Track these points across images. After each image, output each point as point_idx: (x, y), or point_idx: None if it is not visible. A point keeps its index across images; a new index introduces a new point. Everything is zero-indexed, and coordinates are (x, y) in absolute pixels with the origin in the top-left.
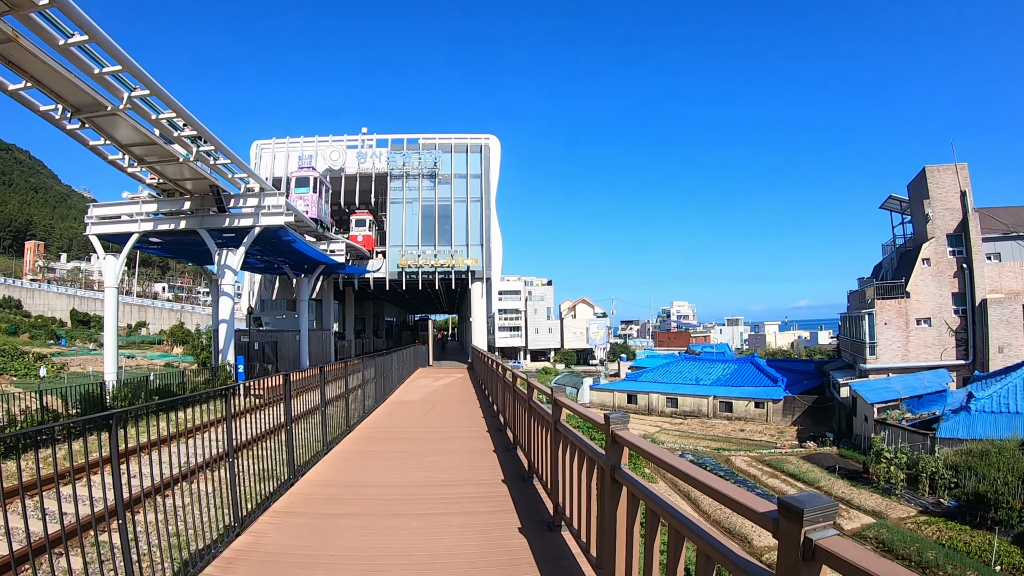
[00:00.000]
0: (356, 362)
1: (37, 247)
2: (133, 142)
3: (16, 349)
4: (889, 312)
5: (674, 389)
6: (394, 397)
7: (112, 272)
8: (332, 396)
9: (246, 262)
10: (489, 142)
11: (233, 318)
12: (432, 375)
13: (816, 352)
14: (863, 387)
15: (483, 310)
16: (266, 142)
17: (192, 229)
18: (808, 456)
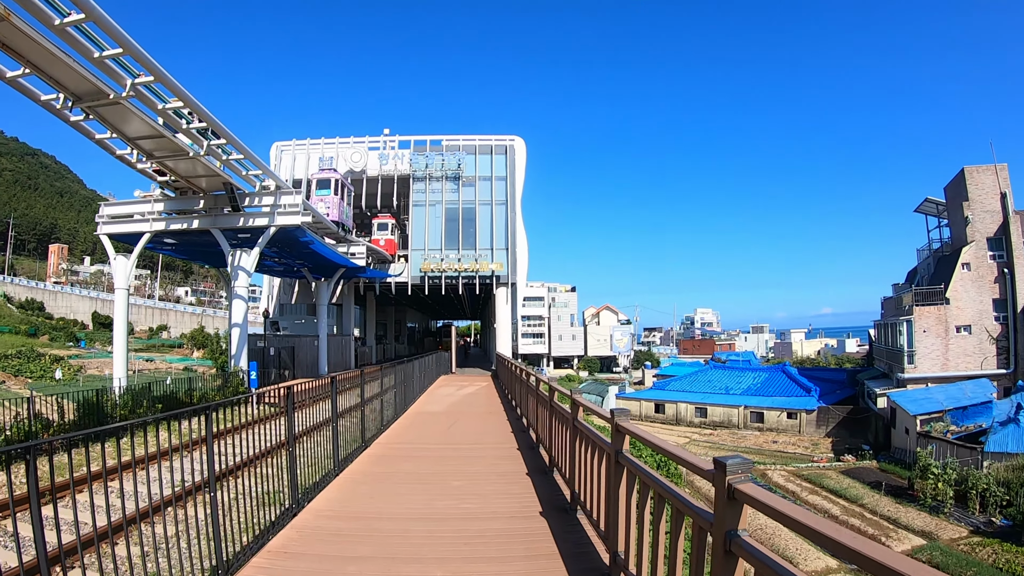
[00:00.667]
0: (374, 369)
1: (61, 250)
2: (140, 135)
3: (33, 351)
4: (928, 319)
5: (703, 399)
6: (415, 407)
7: (123, 273)
8: (346, 407)
9: (264, 265)
10: (514, 143)
11: (246, 322)
12: (455, 383)
13: (845, 360)
14: (903, 398)
15: (508, 316)
16: (286, 143)
17: (205, 229)
18: (847, 471)
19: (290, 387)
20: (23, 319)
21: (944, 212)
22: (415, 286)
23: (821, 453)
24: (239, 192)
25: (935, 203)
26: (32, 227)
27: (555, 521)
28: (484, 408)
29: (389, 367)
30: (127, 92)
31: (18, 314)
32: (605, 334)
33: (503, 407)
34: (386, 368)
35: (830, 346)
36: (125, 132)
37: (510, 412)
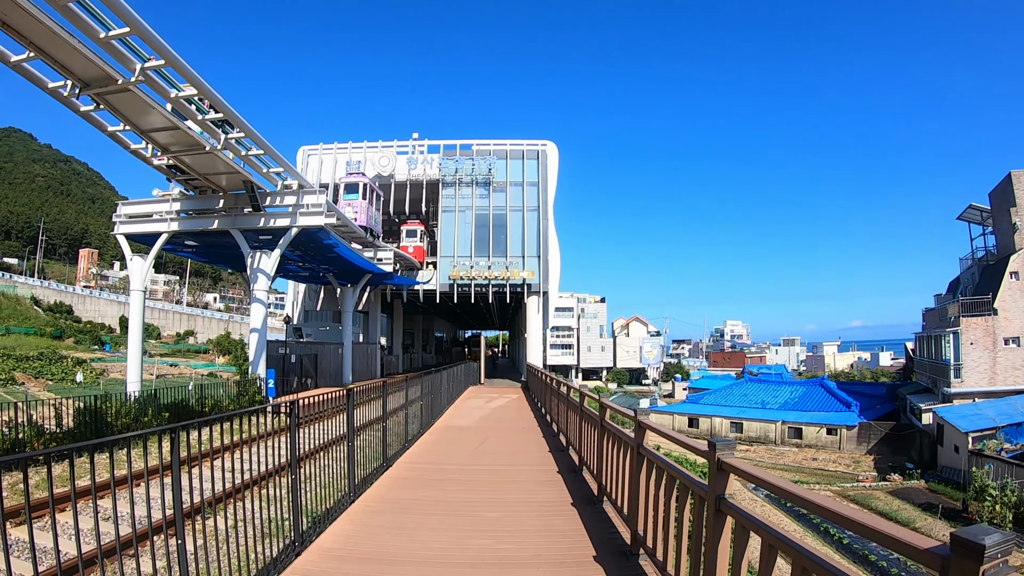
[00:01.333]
0: (399, 379)
1: (91, 255)
2: (154, 127)
3: (55, 353)
4: (975, 331)
5: (739, 413)
6: (442, 421)
7: (139, 274)
8: (365, 421)
9: (287, 269)
10: (547, 148)
11: (266, 327)
12: (484, 395)
13: (880, 374)
14: (951, 413)
15: (539, 326)
16: (313, 147)
17: (225, 230)
18: (895, 491)
19: (294, 401)
20: (49, 321)
21: (989, 219)
22: (444, 294)
23: (864, 471)
24: (260, 191)
25: (979, 210)
26: (63, 232)
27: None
28: (516, 422)
29: (415, 378)
30: (136, 77)
31: (44, 316)
32: (634, 346)
33: (537, 422)
34: (412, 379)
35: (863, 359)
36: (138, 124)
37: (545, 428)
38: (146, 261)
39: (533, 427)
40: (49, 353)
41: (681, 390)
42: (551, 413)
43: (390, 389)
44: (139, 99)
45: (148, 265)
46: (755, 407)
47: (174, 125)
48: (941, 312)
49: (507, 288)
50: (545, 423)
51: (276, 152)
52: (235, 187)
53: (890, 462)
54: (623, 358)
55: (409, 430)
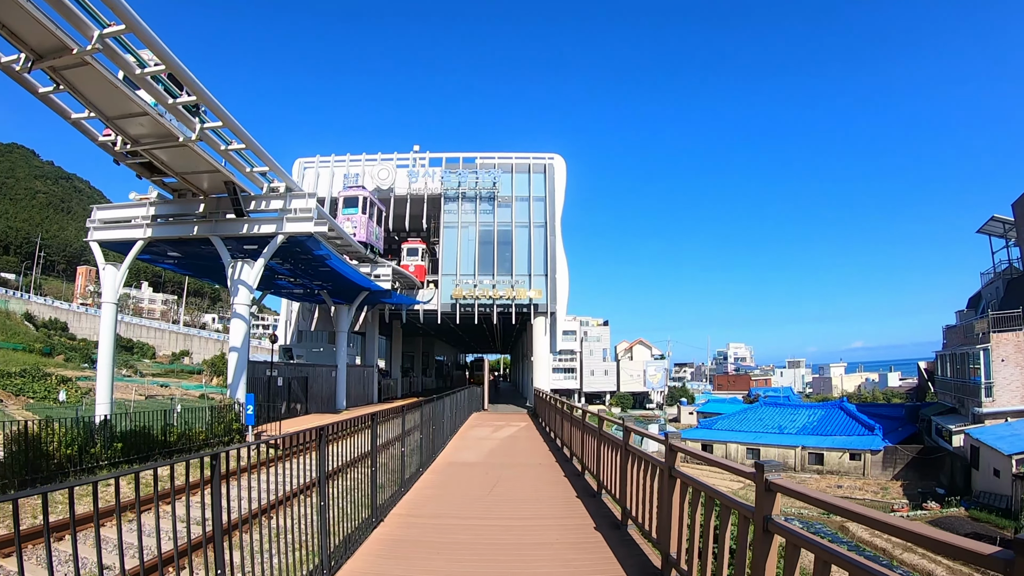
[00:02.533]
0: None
1: (89, 272)
2: (120, 112)
3: (39, 370)
4: (1006, 347)
5: (755, 439)
6: (446, 455)
7: (111, 284)
8: (347, 461)
9: (277, 285)
10: (554, 162)
11: (247, 346)
12: (489, 422)
13: (892, 395)
14: (988, 435)
15: (546, 348)
16: (309, 160)
17: (205, 237)
18: (936, 521)
19: (215, 454)
20: (40, 338)
21: (1012, 231)
22: (445, 314)
23: (893, 499)
24: (243, 194)
25: (1002, 221)
26: (63, 249)
27: None
28: (530, 456)
29: (414, 405)
30: (93, 45)
31: (35, 333)
32: (638, 369)
33: (553, 456)
34: (410, 406)
35: (871, 380)
36: (102, 108)
37: (564, 463)
38: (119, 270)
39: (550, 462)
40: (33, 370)
41: (687, 414)
42: (569, 445)
43: (382, 419)
44: (101, 77)
45: (121, 275)
46: (772, 432)
47: (142, 111)
48: (966, 329)
49: (512, 308)
50: (563, 457)
51: (259, 147)
52: (217, 190)
53: (919, 488)
54: (627, 382)
55: (406, 468)
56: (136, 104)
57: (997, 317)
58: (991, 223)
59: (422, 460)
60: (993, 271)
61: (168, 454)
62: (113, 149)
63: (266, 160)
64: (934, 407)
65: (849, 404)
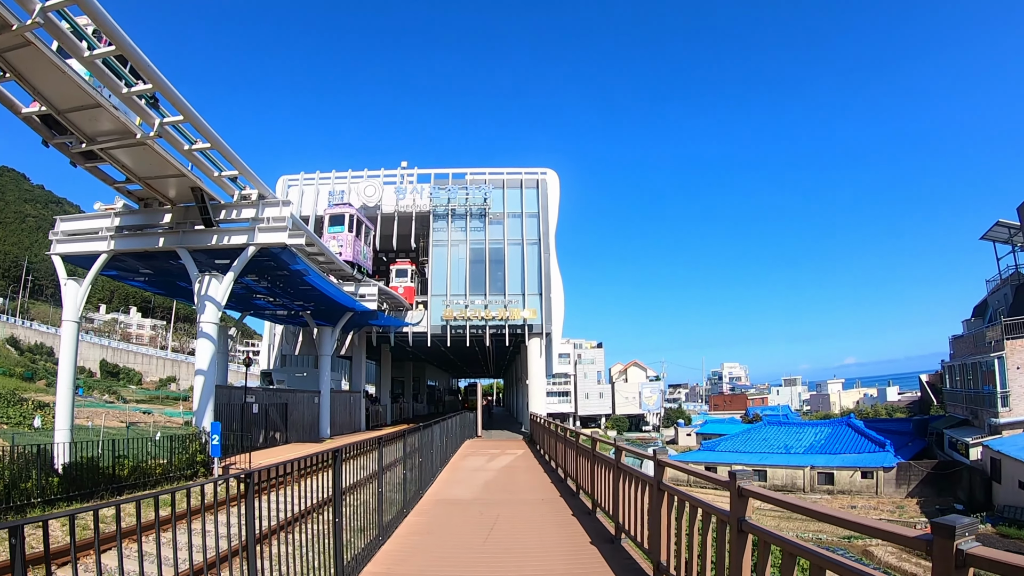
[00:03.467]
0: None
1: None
2: (71, 106)
3: (14, 395)
4: (1022, 354)
5: (760, 460)
6: (435, 491)
7: (72, 301)
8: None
9: (255, 305)
10: (547, 176)
11: (214, 368)
12: (483, 450)
13: (894, 410)
14: (1009, 446)
15: (541, 371)
16: (293, 177)
17: (171, 249)
18: None
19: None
20: (22, 362)
21: (1018, 235)
22: (435, 337)
23: (911, 517)
24: (213, 203)
25: (1007, 226)
26: (51, 273)
27: None
28: (530, 490)
29: (394, 437)
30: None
31: (16, 357)
32: (633, 391)
33: (556, 489)
34: (389, 439)
35: (869, 396)
36: (52, 100)
37: (571, 498)
38: (81, 286)
39: (553, 496)
40: (8, 395)
41: (685, 436)
42: (574, 476)
43: (352, 453)
44: (48, 62)
45: (83, 291)
46: (778, 452)
47: (95, 101)
48: (976, 338)
49: (506, 329)
50: (568, 490)
51: (225, 146)
52: (185, 198)
53: (937, 505)
54: (622, 404)
55: (386, 510)
56: (84, 91)
57: (1010, 324)
58: (996, 228)
59: (406, 499)
60: (999, 277)
61: (116, 490)
62: (70, 152)
63: (234, 162)
64: (944, 420)
65: (857, 420)
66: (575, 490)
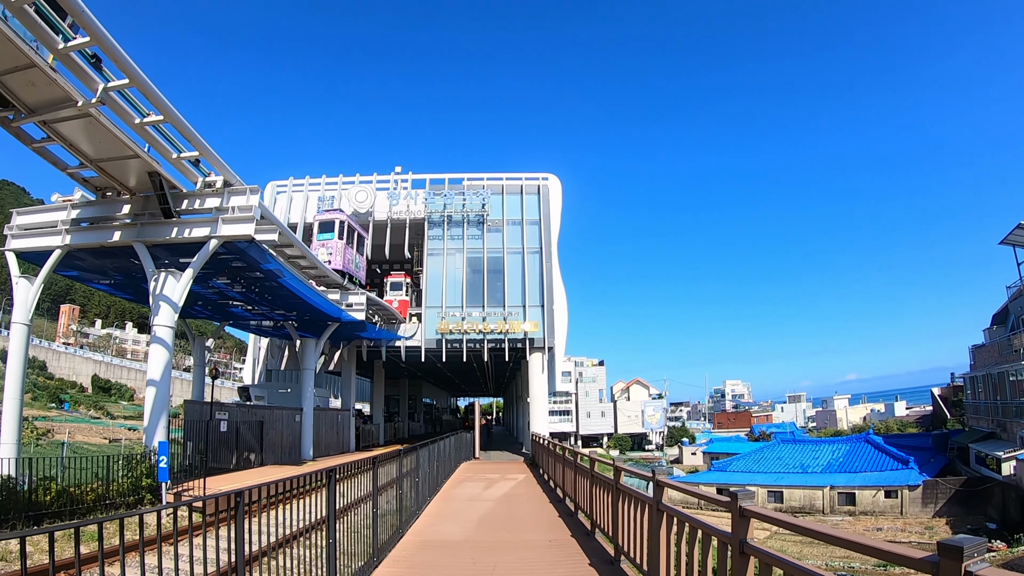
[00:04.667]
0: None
1: (72, 311)
2: (3, 68)
3: None
4: None
5: (776, 480)
6: (420, 528)
7: (23, 302)
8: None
9: (231, 313)
10: (548, 182)
11: (168, 379)
12: (481, 474)
13: (907, 425)
14: None
15: (544, 388)
16: (282, 183)
17: (128, 244)
18: (1008, 563)
19: None
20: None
21: None
22: (430, 351)
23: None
24: (174, 191)
25: None
26: (48, 288)
27: None
28: (535, 528)
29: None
30: None
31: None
32: (635, 410)
33: (566, 526)
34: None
35: (876, 411)
36: None
37: (584, 539)
38: (33, 285)
39: (563, 537)
40: None
41: (689, 455)
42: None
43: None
44: None
45: (35, 290)
46: (794, 472)
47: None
48: (1002, 346)
49: (505, 344)
50: (579, 526)
51: (182, 120)
52: (146, 187)
53: (968, 524)
54: (624, 423)
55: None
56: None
57: None
58: (1017, 232)
59: (376, 545)
60: (1021, 282)
61: (35, 519)
62: (9, 124)
63: (193, 140)
64: (967, 434)
65: (876, 436)
66: (589, 529)
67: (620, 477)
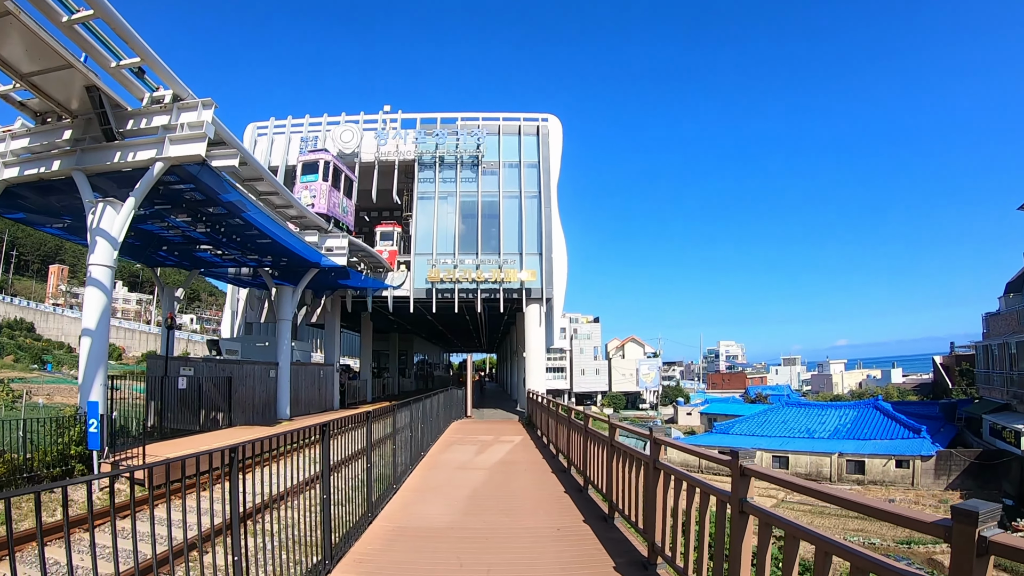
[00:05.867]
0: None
1: (61, 271)
2: None
3: None
4: None
5: (781, 445)
6: (397, 507)
7: None
8: None
9: (199, 258)
10: (548, 123)
11: (106, 327)
12: (473, 435)
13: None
14: None
15: (541, 341)
16: (263, 125)
17: (67, 173)
18: None
19: None
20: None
21: None
22: (419, 301)
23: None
24: (118, 110)
25: None
26: (37, 247)
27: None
28: (538, 509)
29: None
30: None
31: None
32: (630, 368)
33: (576, 506)
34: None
35: (872, 377)
36: None
37: (602, 527)
38: None
39: (574, 523)
40: None
41: (685, 415)
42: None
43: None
44: None
45: None
46: (800, 437)
47: None
48: (1021, 314)
49: (500, 294)
50: (596, 512)
51: (118, 17)
52: (89, 109)
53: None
54: (619, 381)
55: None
56: None
57: None
58: None
59: (329, 546)
60: None
61: None
62: None
63: (134, 44)
64: (978, 405)
65: (884, 403)
66: (607, 512)
67: (661, 452)
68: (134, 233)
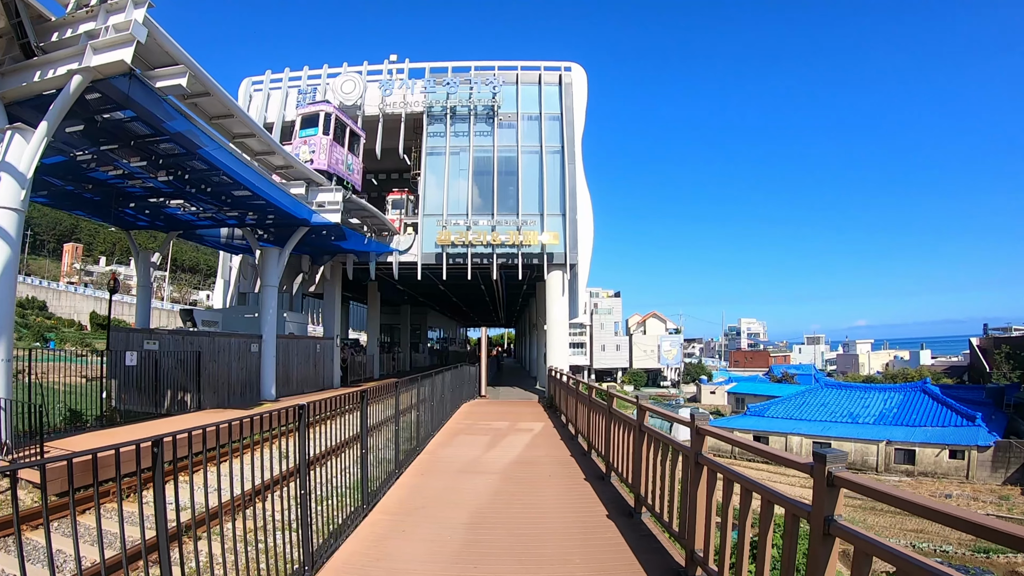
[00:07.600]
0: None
1: (75, 249)
2: None
3: None
4: None
5: (822, 430)
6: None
7: None
8: None
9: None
10: (572, 72)
11: (11, 287)
12: (486, 419)
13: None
14: None
15: (564, 312)
16: (258, 79)
17: None
18: None
19: None
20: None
21: None
22: (427, 267)
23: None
24: (41, 22)
25: None
26: (52, 227)
27: None
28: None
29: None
30: None
31: None
32: (652, 344)
33: (620, 534)
34: None
35: (900, 358)
36: None
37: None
38: None
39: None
40: None
41: (708, 393)
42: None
43: None
44: None
45: None
46: (843, 421)
47: None
48: None
49: (519, 259)
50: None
51: None
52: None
53: None
54: (640, 358)
55: None
56: None
57: None
58: None
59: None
60: None
61: None
62: None
63: None
64: None
65: (933, 386)
66: (684, 567)
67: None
68: (91, 186)
